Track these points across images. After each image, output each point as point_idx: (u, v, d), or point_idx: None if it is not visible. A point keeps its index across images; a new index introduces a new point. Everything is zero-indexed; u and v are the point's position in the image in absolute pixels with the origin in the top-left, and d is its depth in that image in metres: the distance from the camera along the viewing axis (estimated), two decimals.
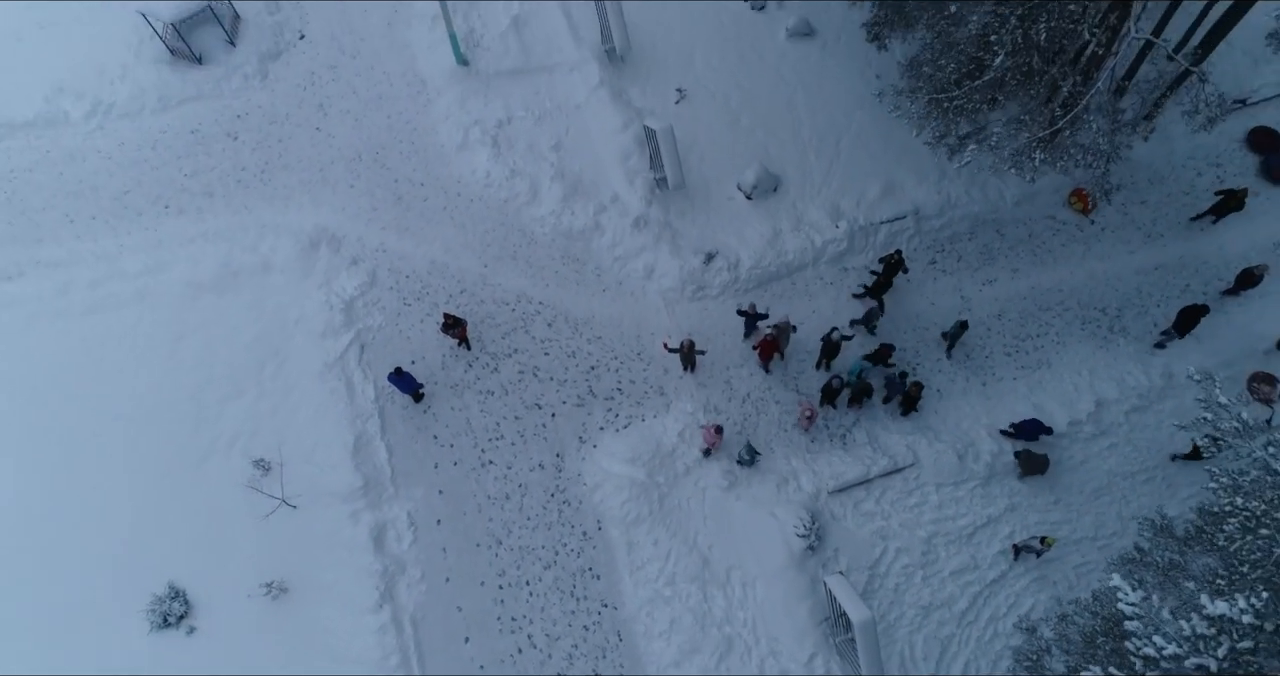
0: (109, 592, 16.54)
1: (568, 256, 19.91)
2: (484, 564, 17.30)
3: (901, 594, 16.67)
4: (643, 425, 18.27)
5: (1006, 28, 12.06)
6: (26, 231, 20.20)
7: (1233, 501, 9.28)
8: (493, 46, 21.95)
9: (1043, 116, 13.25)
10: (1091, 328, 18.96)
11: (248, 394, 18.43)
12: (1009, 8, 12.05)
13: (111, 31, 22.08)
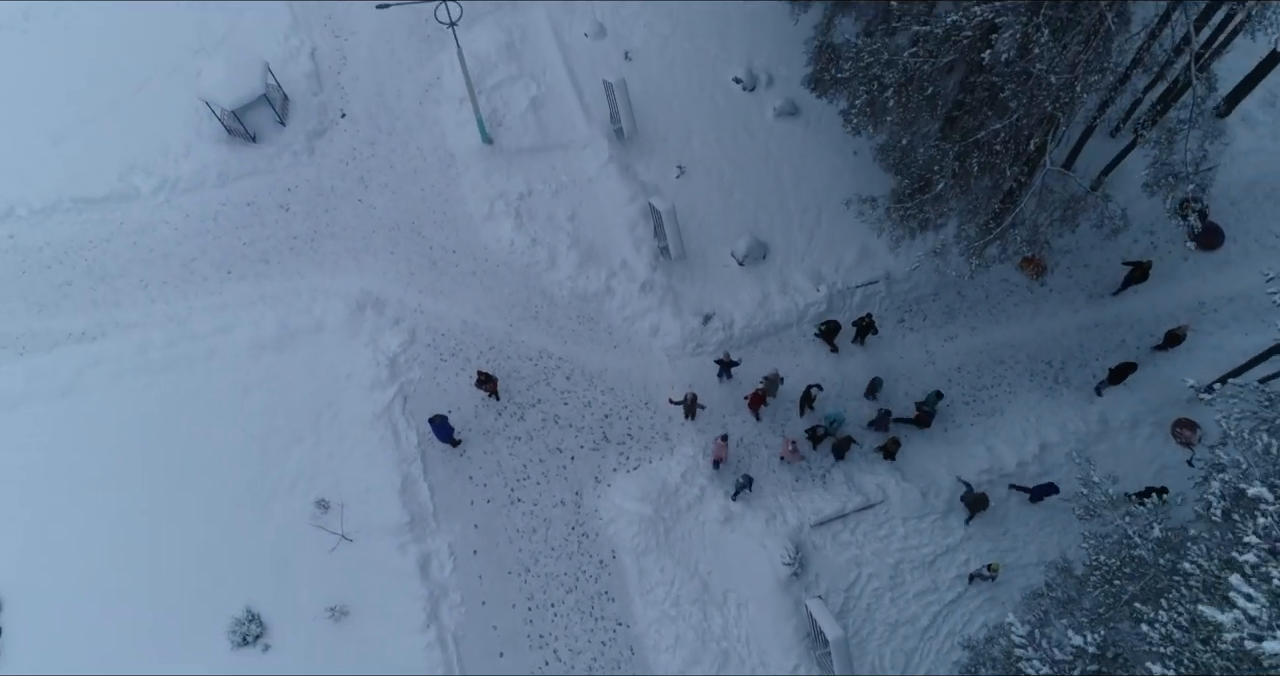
0: (196, 615, 19.47)
1: (583, 316, 22.88)
2: (515, 588, 20.27)
3: (872, 612, 19.67)
4: (650, 467, 21.26)
5: (946, 160, 15.01)
6: (106, 296, 23.14)
7: (1096, 558, 12.17)
8: (514, 125, 24.92)
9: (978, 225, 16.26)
10: (1039, 379, 21.97)
11: (307, 441, 21.39)
12: (949, 144, 15.02)
13: (174, 113, 25.02)
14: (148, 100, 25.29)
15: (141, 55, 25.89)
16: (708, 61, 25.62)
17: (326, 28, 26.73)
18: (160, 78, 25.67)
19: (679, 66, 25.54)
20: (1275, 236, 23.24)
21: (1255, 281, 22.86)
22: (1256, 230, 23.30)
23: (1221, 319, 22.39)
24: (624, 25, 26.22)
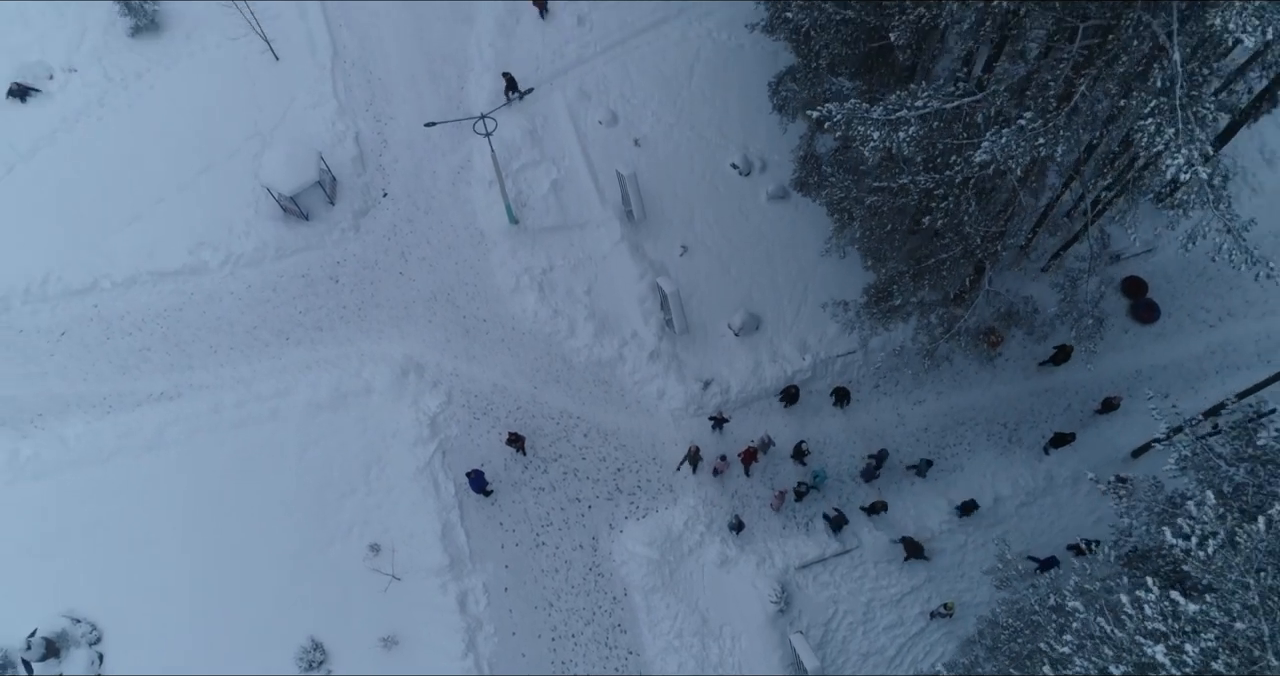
0: (268, 644, 22.99)
1: (598, 380, 26.41)
2: (540, 621, 23.80)
3: (847, 644, 23.20)
4: (656, 515, 24.79)
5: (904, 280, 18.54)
6: (181, 360, 26.69)
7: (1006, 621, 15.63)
8: (536, 206, 28.45)
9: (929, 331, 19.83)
10: (995, 438, 25.48)
11: (359, 492, 24.93)
12: (904, 267, 18.55)
13: (235, 193, 28.57)
14: (211, 181, 28.83)
15: (204, 140, 29.41)
16: (708, 148, 29.15)
17: (368, 112, 30.26)
18: (221, 160, 29.21)
19: (682, 153, 29.07)
20: (1205, 311, 26.69)
21: (1187, 352, 26.57)
22: (1189, 306, 26.79)
23: (1156, 386, 25.76)
24: (634, 113, 29.75)
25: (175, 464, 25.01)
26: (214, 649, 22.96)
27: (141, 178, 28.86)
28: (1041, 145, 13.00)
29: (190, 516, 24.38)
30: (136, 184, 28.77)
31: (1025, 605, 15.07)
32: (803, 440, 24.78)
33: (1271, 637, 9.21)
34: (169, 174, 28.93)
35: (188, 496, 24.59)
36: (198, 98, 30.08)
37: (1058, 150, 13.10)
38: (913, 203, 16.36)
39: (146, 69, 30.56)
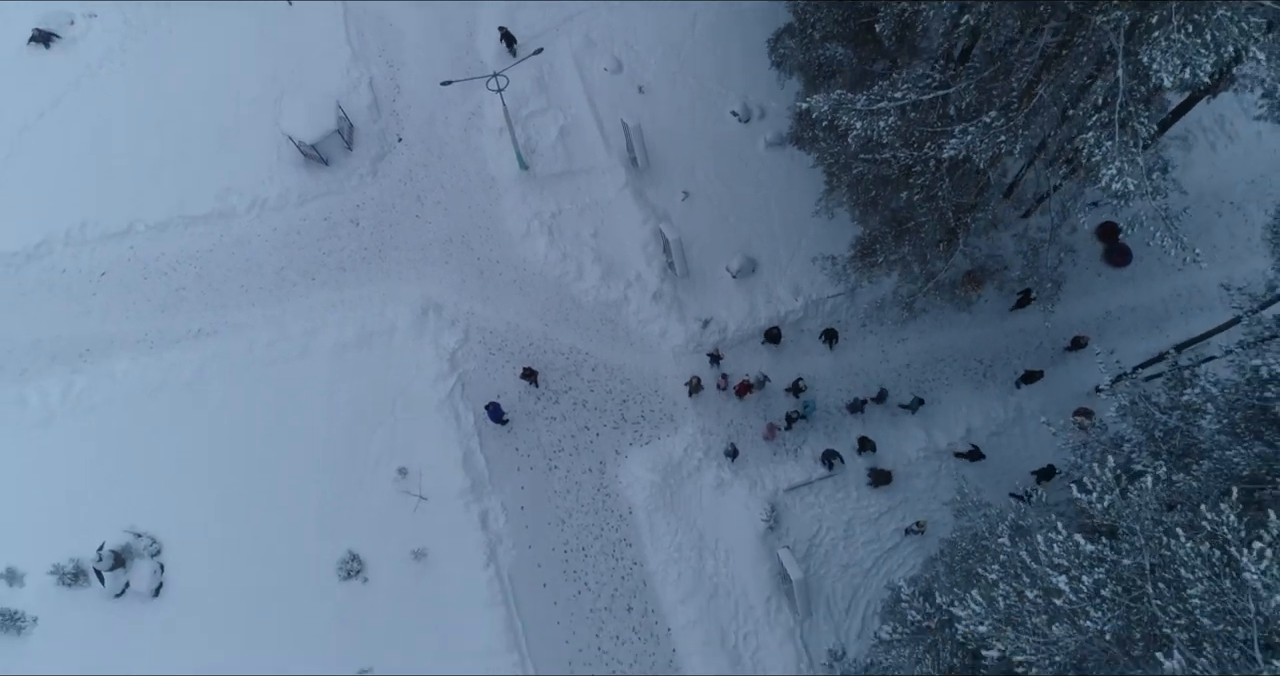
0: (312, 557, 25.86)
1: (605, 319, 28.64)
2: (554, 536, 26.66)
3: (829, 557, 26.14)
4: (659, 442, 27.40)
5: (885, 240, 20.52)
6: (214, 300, 28.87)
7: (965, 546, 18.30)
8: (545, 153, 30.13)
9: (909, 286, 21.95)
10: (970, 374, 27.89)
11: (387, 422, 27.46)
12: (889, 225, 20.48)
13: (258, 140, 30.24)
14: (233, 127, 30.45)
15: (223, 86, 30.90)
16: (709, 96, 30.64)
17: (381, 58, 31.61)
18: (242, 106, 30.76)
19: (685, 100, 30.57)
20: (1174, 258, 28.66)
21: (1154, 294, 28.76)
22: (1159, 251, 28.69)
23: (1123, 327, 28.15)
24: (638, 61, 31.11)
25: (218, 397, 27.46)
26: (262, 560, 25.84)
27: (166, 123, 30.46)
28: (1003, 142, 14.85)
29: (236, 444, 26.96)
30: (162, 129, 30.39)
31: (978, 531, 17.71)
32: (800, 377, 27.18)
33: (1151, 570, 11.66)
34: (192, 120, 30.51)
35: (232, 427, 27.12)
36: (215, 43, 31.38)
37: (1016, 147, 14.93)
38: (894, 174, 18.24)
39: (164, 14, 31.76)
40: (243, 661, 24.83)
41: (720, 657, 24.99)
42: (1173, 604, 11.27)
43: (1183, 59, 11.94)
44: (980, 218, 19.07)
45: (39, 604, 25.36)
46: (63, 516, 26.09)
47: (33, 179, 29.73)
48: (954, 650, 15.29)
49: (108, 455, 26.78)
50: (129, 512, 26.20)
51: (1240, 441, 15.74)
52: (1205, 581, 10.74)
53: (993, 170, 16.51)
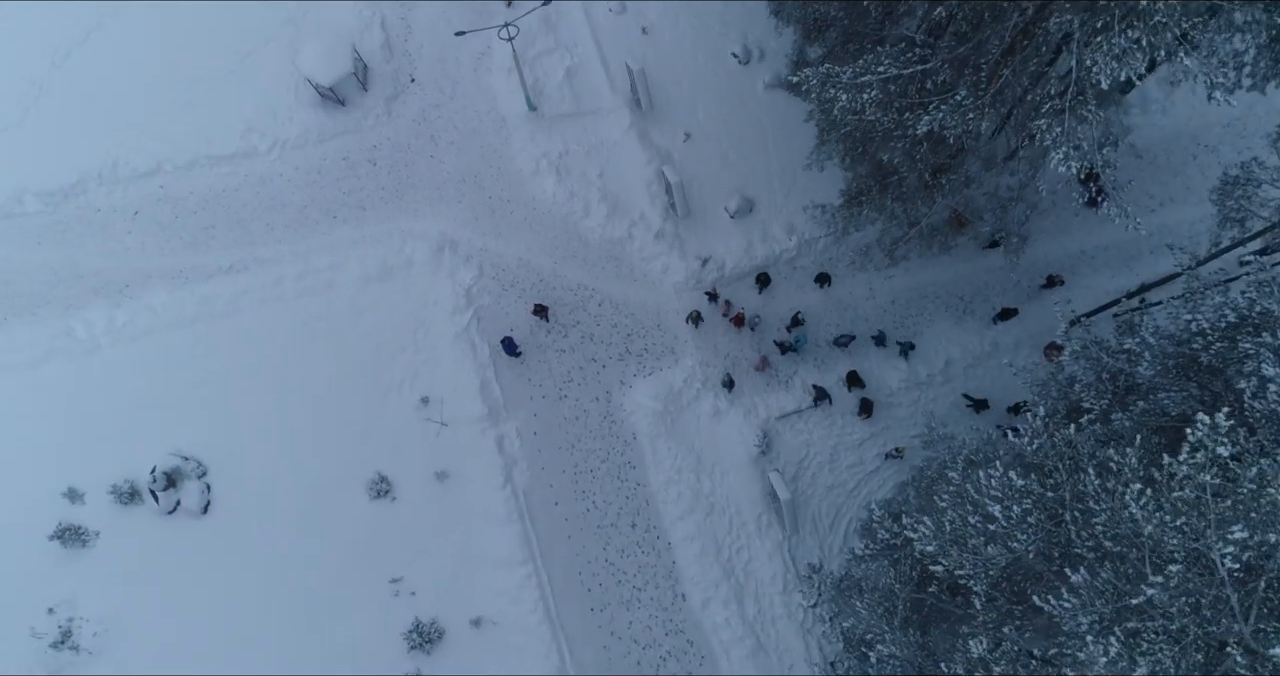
0: (343, 477, 28.62)
1: (610, 256, 30.70)
2: (564, 458, 29.36)
3: (815, 479, 28.88)
4: (660, 374, 29.84)
5: (871, 192, 22.35)
6: (243, 236, 30.92)
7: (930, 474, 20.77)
8: (552, 94, 31.66)
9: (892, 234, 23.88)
10: (951, 310, 30.07)
11: (408, 352, 29.85)
12: (874, 179, 22.29)
13: (276, 80, 31.77)
14: (252, 68, 31.95)
15: (240, 26, 32.31)
16: (710, 37, 31.94)
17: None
18: (259, 47, 32.18)
19: (687, 41, 31.91)
20: (1149, 197, 30.52)
21: (1128, 234, 30.43)
22: (1135, 192, 30.49)
23: (1096, 264, 30.17)
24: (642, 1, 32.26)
25: (251, 328, 29.83)
26: (298, 480, 28.62)
27: (188, 64, 31.93)
28: (971, 119, 16.62)
29: (270, 373, 29.43)
30: (184, 70, 31.90)
31: (942, 460, 20.22)
32: (799, 310, 29.43)
33: (1068, 502, 14.07)
34: (212, 61, 31.97)
35: (266, 356, 29.56)
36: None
37: (983, 125, 16.69)
38: (877, 135, 20.01)
39: None
40: (283, 572, 27.84)
41: (715, 569, 27.98)
42: (1084, 529, 13.73)
43: (1119, 62, 13.70)
44: (954, 178, 20.94)
45: (99, 520, 28.24)
46: (113, 440, 28.76)
47: (63, 119, 31.39)
48: (912, 565, 17.97)
49: (152, 383, 29.28)
50: (175, 437, 28.86)
51: (1171, 385, 18.09)
52: (1107, 512, 13.15)
53: (965, 138, 18.27)
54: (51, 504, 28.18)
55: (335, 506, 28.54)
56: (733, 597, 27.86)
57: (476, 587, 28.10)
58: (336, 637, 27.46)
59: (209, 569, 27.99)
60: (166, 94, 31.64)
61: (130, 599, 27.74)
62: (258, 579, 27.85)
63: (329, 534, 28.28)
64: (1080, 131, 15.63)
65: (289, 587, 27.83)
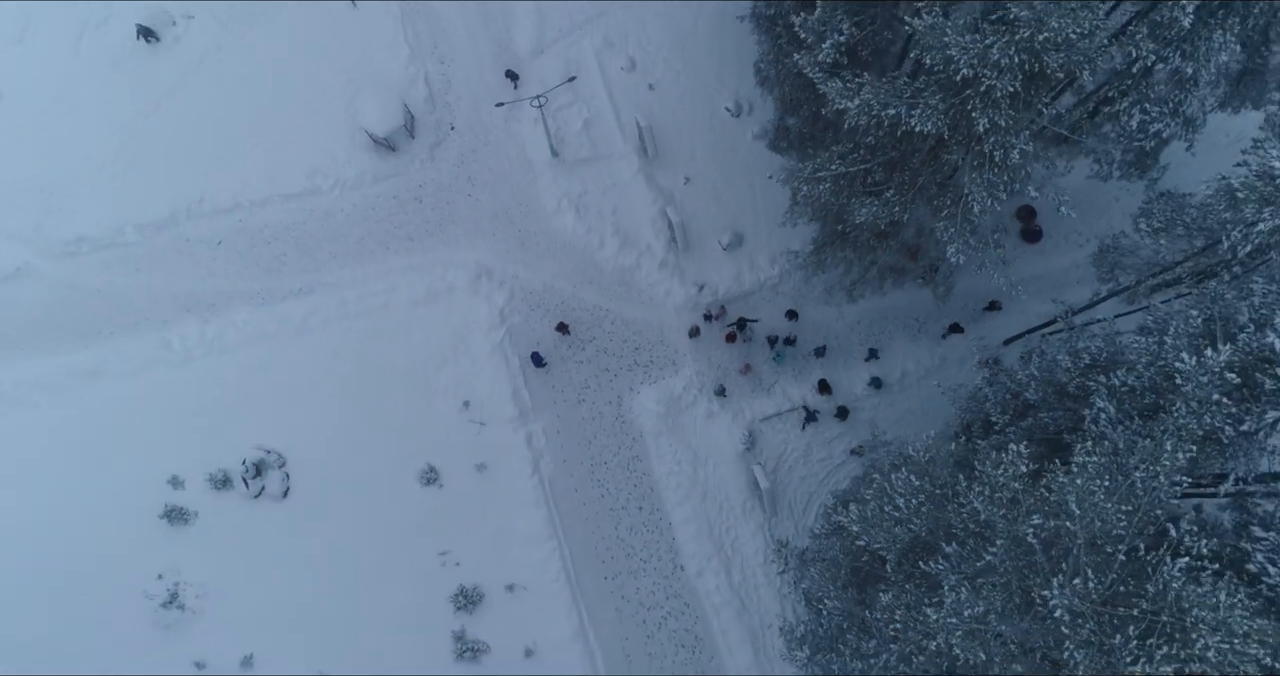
0: (398, 467, 35.39)
1: (621, 282, 37.28)
2: (582, 452, 36.11)
3: (791, 470, 35.64)
4: (663, 382, 36.52)
5: (834, 244, 28.77)
6: (310, 263, 37.48)
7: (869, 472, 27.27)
8: (572, 142, 38.09)
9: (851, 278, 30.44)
10: (908, 329, 36.67)
11: (450, 363, 36.52)
12: (835, 234, 28.72)
13: (334, 128, 38.14)
14: (314, 117, 38.32)
15: (303, 80, 38.59)
16: (707, 92, 38.33)
17: (434, 55, 39.14)
18: (320, 98, 38.54)
19: (687, 97, 38.30)
20: (1078, 234, 36.96)
21: (1059, 266, 37.17)
22: (1066, 230, 37.06)
23: (1032, 291, 36.54)
24: (649, 60, 38.64)
25: (320, 342, 36.49)
26: (361, 470, 35.38)
27: (259, 113, 38.31)
28: (896, 210, 23.03)
29: (336, 379, 36.13)
30: (256, 119, 38.28)
31: (880, 462, 26.90)
32: (794, 311, 36.05)
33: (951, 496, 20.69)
34: (281, 111, 38.34)
35: (333, 366, 36.24)
36: (294, 42, 38.90)
37: (905, 216, 23.12)
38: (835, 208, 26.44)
39: (249, 15, 39.06)
40: (350, 546, 34.68)
41: (707, 544, 34.85)
42: (957, 516, 20.33)
43: (990, 193, 20.14)
44: (892, 244, 27.46)
45: (197, 502, 35.08)
46: (207, 436, 35.52)
47: (156, 162, 37.82)
48: (851, 541, 24.69)
49: (238, 387, 36.00)
50: (259, 433, 35.62)
51: (1051, 407, 24.74)
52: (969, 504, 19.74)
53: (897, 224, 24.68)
54: (158, 489, 35.02)
55: (392, 492, 35.34)
56: (722, 568, 34.75)
57: (510, 559, 34.99)
58: (394, 599, 34.41)
59: (288, 543, 34.86)
60: (242, 140, 38.04)
61: (224, 567, 34.66)
62: (328, 551, 34.73)
63: (387, 514, 35.11)
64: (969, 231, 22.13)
65: (354, 558, 34.71)
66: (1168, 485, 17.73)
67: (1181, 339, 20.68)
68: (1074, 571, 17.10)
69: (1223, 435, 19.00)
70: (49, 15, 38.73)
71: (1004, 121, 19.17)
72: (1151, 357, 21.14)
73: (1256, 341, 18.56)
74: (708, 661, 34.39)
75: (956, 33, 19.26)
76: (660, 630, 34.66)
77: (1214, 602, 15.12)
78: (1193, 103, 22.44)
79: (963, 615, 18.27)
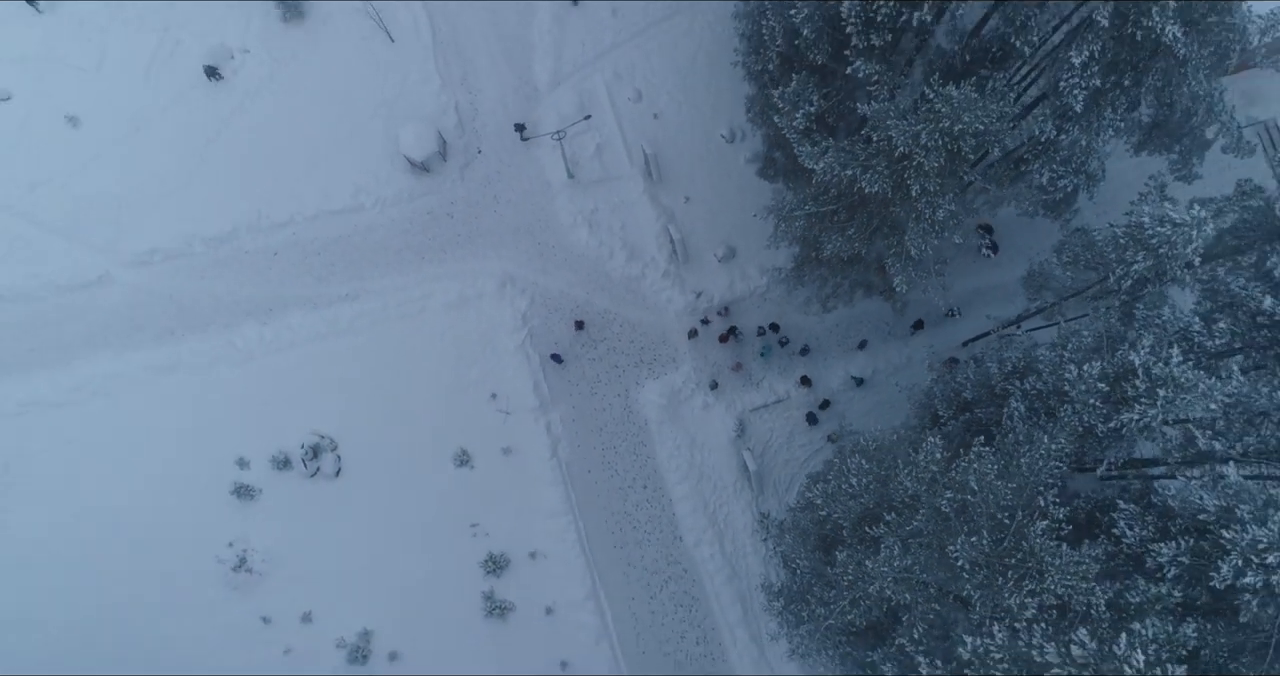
0: (435, 451, 41.82)
1: (628, 290, 43.56)
2: (595, 439, 42.56)
3: (776, 455, 42.10)
4: (665, 377, 42.90)
5: (810, 263, 34.96)
6: (355, 273, 43.73)
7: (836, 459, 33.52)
8: (585, 164, 44.23)
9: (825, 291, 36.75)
10: (880, 330, 43.02)
11: (480, 361, 42.88)
12: (816, 260, 34.97)
13: (375, 151, 44.26)
14: (358, 141, 44.43)
15: (347, 107, 44.64)
16: (705, 120, 44.45)
17: (463, 86, 45.19)
18: (363, 123, 44.63)
19: (687, 124, 44.42)
20: (1031, 248, 43.12)
21: (1012, 277, 43.36)
22: (1022, 244, 43.28)
23: (988, 299, 43.01)
24: (654, 91, 44.73)
25: (366, 342, 42.80)
26: (402, 452, 41.82)
27: (309, 138, 44.39)
28: (858, 245, 29.30)
29: (380, 374, 42.49)
30: (306, 142, 44.36)
31: (844, 449, 33.30)
32: (775, 324, 42.42)
33: (893, 477, 27.07)
34: (327, 135, 44.43)
35: (377, 362, 42.57)
36: (338, 73, 44.91)
37: (865, 250, 29.35)
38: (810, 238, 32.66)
39: (299, 50, 45.10)
40: (393, 519, 41.17)
41: (703, 519, 41.35)
42: (898, 491, 26.66)
43: (924, 240, 26.36)
44: (858, 267, 33.72)
45: (261, 481, 41.51)
46: (269, 423, 41.91)
47: (218, 182, 43.92)
48: (818, 512, 31.11)
49: (295, 381, 42.34)
50: (314, 420, 42.02)
51: (984, 405, 31.10)
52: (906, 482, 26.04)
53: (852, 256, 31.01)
54: (228, 469, 41.47)
55: (430, 471, 41.80)
56: (715, 539, 41.30)
57: (532, 530, 41.53)
58: (432, 564, 41.01)
59: (341, 515, 41.37)
60: (293, 162, 44.13)
61: (286, 536, 41.20)
62: (375, 523, 41.26)
63: (425, 491, 41.62)
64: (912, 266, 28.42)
65: (398, 529, 41.25)
66: (1049, 468, 24.12)
67: (1077, 353, 27.04)
68: (974, 532, 23.49)
69: (1097, 430, 25.37)
70: (122, 47, 44.69)
71: (932, 187, 25.36)
72: (1053, 367, 27.47)
73: (1121, 358, 24.85)
74: (703, 618, 41.05)
75: (897, 116, 25.48)
76: (662, 591, 41.24)
77: (1058, 552, 21.55)
78: (1093, 162, 28.64)
79: (894, 566, 24.71)
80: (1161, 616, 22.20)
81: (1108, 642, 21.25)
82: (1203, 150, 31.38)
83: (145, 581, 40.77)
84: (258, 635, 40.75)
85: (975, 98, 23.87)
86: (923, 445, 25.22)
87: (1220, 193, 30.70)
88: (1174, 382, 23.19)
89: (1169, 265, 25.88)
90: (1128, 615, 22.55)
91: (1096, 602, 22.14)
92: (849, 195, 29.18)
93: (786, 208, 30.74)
